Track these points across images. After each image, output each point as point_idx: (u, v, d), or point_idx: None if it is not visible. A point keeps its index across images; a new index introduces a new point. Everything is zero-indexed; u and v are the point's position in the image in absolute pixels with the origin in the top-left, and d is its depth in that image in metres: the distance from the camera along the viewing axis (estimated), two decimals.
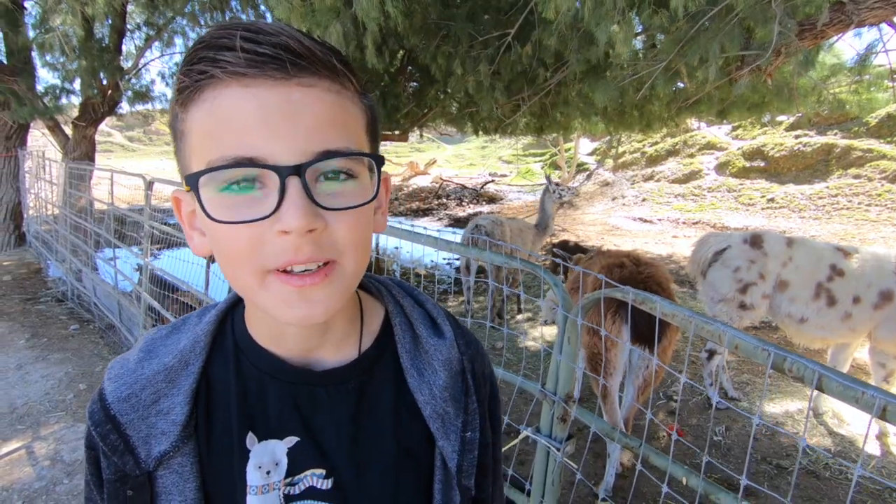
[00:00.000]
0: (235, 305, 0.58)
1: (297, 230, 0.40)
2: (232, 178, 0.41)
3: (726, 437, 3.11)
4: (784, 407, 3.48)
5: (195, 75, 0.41)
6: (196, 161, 0.43)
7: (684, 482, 0.90)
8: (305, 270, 0.43)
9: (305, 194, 0.41)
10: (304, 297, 0.44)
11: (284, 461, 0.52)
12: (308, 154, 0.41)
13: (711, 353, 3.38)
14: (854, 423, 3.26)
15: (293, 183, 0.41)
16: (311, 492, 0.52)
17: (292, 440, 0.52)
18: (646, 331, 2.23)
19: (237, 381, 0.53)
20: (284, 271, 0.43)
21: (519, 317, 5.44)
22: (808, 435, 3.20)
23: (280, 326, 0.51)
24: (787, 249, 3.12)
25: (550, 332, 4.93)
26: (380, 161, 0.47)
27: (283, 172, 0.40)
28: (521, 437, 1.22)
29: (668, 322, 0.93)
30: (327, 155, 0.42)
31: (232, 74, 0.40)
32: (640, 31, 4.32)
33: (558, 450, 1.13)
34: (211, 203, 0.42)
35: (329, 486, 0.53)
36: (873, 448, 3.05)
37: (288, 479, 0.52)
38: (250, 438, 0.52)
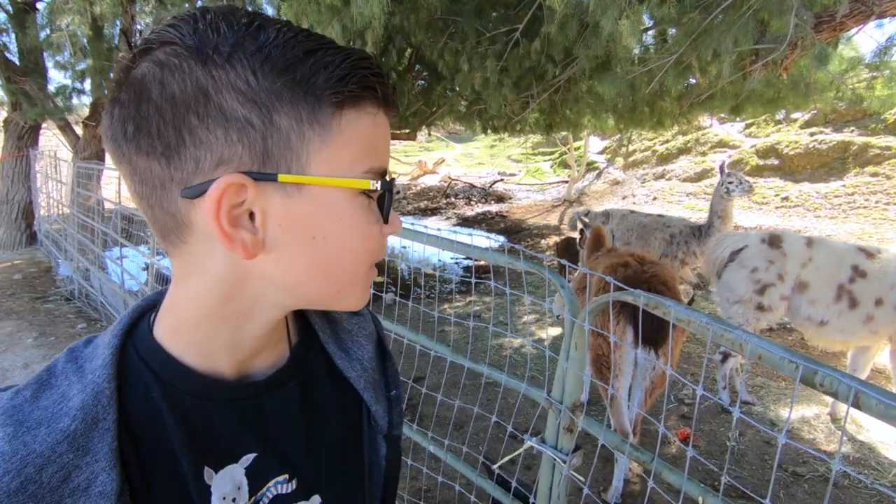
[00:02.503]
0: (130, 334, 0.48)
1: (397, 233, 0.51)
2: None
3: (740, 443, 3.02)
4: (800, 412, 3.38)
5: (370, 89, 0.44)
6: (347, 164, 0.44)
7: (701, 502, 0.83)
8: None
9: None
10: (369, 283, 0.51)
11: (245, 482, 0.49)
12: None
13: (726, 356, 3.29)
14: (873, 429, 3.15)
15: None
16: (277, 500, 0.51)
17: (248, 458, 0.49)
18: (651, 332, 2.16)
19: (175, 418, 0.45)
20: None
21: (526, 318, 5.36)
22: (826, 441, 3.10)
23: (246, 334, 0.48)
24: (806, 249, 3.02)
25: (556, 333, 4.85)
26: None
27: (393, 187, 0.49)
28: (524, 447, 1.16)
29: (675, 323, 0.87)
30: None
31: (387, 105, 0.47)
32: (650, 25, 4.23)
33: (564, 462, 1.07)
34: (360, 203, 0.46)
35: (293, 487, 0.52)
36: (894, 455, 2.94)
37: (252, 499, 0.49)
38: (207, 473, 0.47)
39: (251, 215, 0.42)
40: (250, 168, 0.41)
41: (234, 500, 0.48)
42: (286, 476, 0.51)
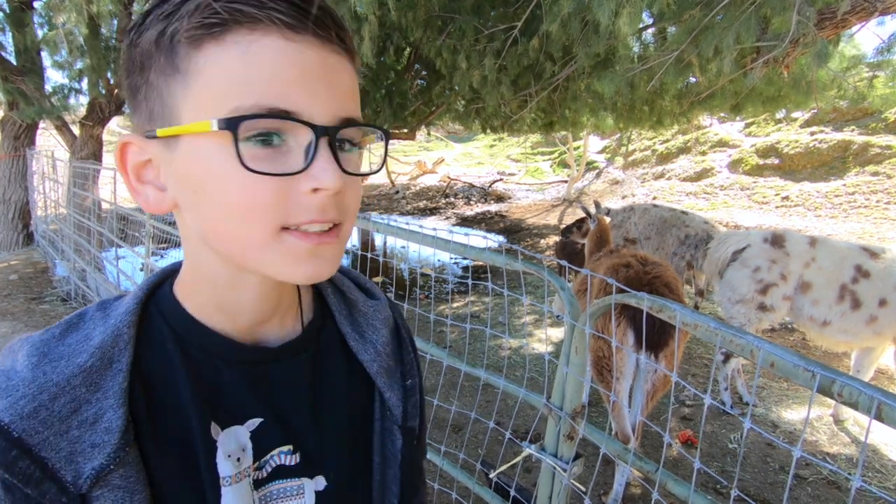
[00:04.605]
0: (156, 290, 0.51)
1: (331, 189, 0.41)
2: (258, 130, 0.40)
3: (742, 445, 2.98)
4: (802, 413, 3.34)
5: (234, 13, 0.39)
6: (211, 106, 0.40)
7: None
8: (320, 229, 0.43)
9: (334, 157, 0.42)
10: (315, 255, 0.44)
11: (250, 445, 0.50)
12: (336, 119, 0.42)
13: (727, 356, 3.25)
14: (876, 430, 3.11)
15: (324, 143, 0.41)
16: (279, 471, 0.51)
17: (254, 423, 0.50)
18: (652, 335, 2.12)
19: (187, 371, 0.47)
20: (298, 229, 0.43)
21: (526, 318, 5.32)
22: (829, 443, 3.06)
23: (236, 297, 0.49)
24: (809, 249, 2.98)
25: (556, 334, 4.81)
26: (388, 135, 0.50)
27: (319, 132, 0.41)
28: (523, 454, 1.12)
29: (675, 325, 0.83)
30: (349, 122, 0.44)
31: (278, 23, 0.39)
32: (651, 22, 4.19)
33: (565, 470, 1.03)
34: (232, 151, 0.40)
35: (297, 460, 0.52)
36: None
37: (256, 464, 0.50)
38: (214, 428, 0.48)
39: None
40: (146, 129, 0.43)
41: (238, 459, 0.48)
42: (290, 448, 0.51)
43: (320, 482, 0.53)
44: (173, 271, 0.53)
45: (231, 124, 0.39)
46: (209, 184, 0.42)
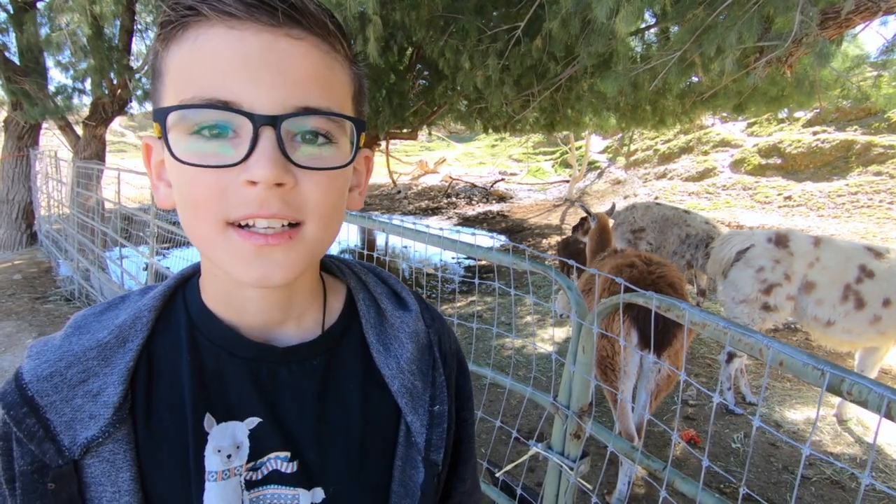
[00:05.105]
0: (187, 280, 0.54)
1: (265, 182, 0.39)
2: (204, 122, 0.40)
3: (745, 445, 2.98)
4: (805, 413, 3.34)
5: (181, 10, 0.40)
6: (169, 100, 0.42)
7: None
8: (268, 228, 0.41)
9: (278, 146, 0.40)
10: (261, 257, 0.42)
11: (246, 444, 0.48)
12: (287, 107, 0.40)
13: (731, 356, 3.25)
14: (881, 430, 3.11)
15: (266, 133, 0.40)
16: (274, 476, 0.49)
17: (254, 421, 0.49)
18: (656, 334, 2.12)
19: (191, 359, 0.48)
20: (247, 226, 0.41)
21: (528, 318, 5.33)
22: (833, 443, 3.06)
23: (241, 294, 0.49)
24: (814, 249, 2.97)
25: (561, 333, 4.81)
26: (360, 125, 0.46)
27: (258, 121, 0.39)
28: (530, 453, 1.13)
29: (680, 324, 0.84)
30: (307, 111, 0.41)
31: (220, 13, 0.39)
32: (653, 22, 4.20)
33: (571, 469, 1.03)
34: (179, 146, 0.41)
35: (294, 468, 0.49)
36: None
37: (250, 464, 0.48)
38: (208, 420, 0.47)
39: None
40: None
41: (229, 456, 0.47)
42: (287, 454, 0.49)
43: (318, 494, 0.50)
44: None
45: (158, 116, 0.41)
46: (172, 177, 0.44)
